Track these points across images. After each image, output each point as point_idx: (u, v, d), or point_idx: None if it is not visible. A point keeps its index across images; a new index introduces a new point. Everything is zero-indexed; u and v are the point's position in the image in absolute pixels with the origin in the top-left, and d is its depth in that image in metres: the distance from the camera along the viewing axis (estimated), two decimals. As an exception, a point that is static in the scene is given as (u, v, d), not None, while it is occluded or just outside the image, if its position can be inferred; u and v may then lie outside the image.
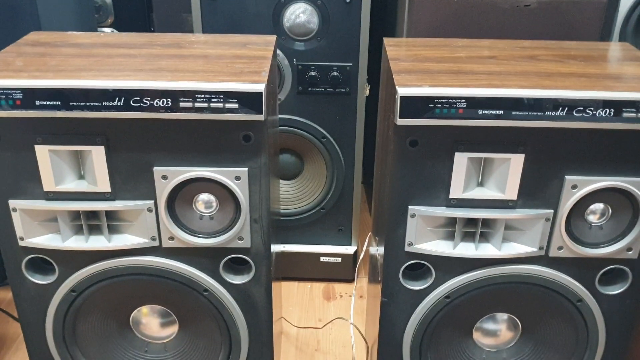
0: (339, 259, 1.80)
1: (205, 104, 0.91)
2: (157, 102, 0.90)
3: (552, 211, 0.98)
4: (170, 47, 1.07)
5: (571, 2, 1.38)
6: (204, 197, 0.99)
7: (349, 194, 1.72)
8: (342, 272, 1.83)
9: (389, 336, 1.10)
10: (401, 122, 0.91)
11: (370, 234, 1.43)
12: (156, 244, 1.02)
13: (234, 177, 0.96)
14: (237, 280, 1.06)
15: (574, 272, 1.03)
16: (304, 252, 1.80)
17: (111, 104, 0.90)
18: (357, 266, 1.79)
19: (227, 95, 0.90)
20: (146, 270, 1.03)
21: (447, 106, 0.90)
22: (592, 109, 0.90)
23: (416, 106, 0.90)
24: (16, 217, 0.98)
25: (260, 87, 0.90)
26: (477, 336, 1.13)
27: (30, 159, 0.95)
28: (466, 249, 1.01)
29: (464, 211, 0.98)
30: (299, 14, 1.50)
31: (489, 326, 1.12)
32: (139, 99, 0.90)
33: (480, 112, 0.90)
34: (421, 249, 1.01)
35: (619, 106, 0.89)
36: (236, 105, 0.91)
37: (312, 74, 1.55)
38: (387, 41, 1.15)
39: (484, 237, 1.02)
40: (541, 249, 1.01)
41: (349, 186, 1.71)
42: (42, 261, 1.04)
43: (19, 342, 1.59)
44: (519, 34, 1.40)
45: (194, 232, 1.01)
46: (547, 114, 0.90)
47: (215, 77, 0.93)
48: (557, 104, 0.89)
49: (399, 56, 1.05)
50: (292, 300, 1.78)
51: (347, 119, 1.62)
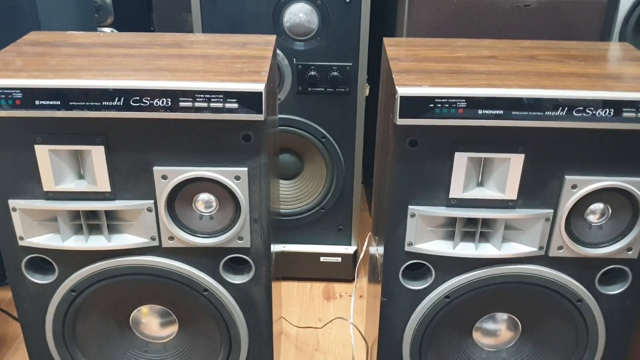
0: (339, 259, 1.80)
1: (205, 104, 0.90)
2: (157, 102, 0.90)
3: (552, 211, 0.98)
4: (170, 47, 1.07)
5: (571, 2, 1.38)
6: (204, 196, 0.99)
7: (349, 193, 1.72)
8: (342, 272, 1.82)
9: (388, 336, 1.10)
10: (401, 121, 0.91)
11: (370, 233, 1.43)
12: (156, 243, 1.02)
13: (233, 176, 0.96)
14: (237, 280, 1.06)
15: (574, 272, 1.03)
16: (304, 252, 1.80)
17: (111, 103, 0.90)
18: (357, 266, 1.79)
19: (227, 95, 0.90)
20: (146, 270, 1.03)
21: (447, 106, 0.90)
22: (592, 109, 0.89)
23: (416, 106, 0.90)
24: (16, 217, 0.98)
25: (260, 86, 0.90)
26: (477, 336, 1.13)
27: (30, 158, 0.95)
28: (466, 249, 1.01)
29: (463, 211, 0.98)
30: (299, 14, 1.50)
31: (489, 326, 1.12)
32: (138, 98, 0.90)
33: (480, 112, 0.90)
34: (421, 249, 1.01)
35: (618, 106, 0.89)
36: (236, 105, 0.91)
37: (312, 73, 1.55)
38: (387, 41, 1.15)
39: (484, 237, 1.02)
40: (541, 248, 1.01)
41: (348, 186, 1.71)
42: (42, 261, 1.04)
43: (18, 342, 1.59)
44: (519, 34, 1.40)
45: (193, 232, 1.01)
46: (547, 113, 0.90)
47: (215, 77, 0.93)
48: (557, 103, 0.89)
49: (398, 56, 1.05)
50: (292, 300, 1.78)
51: (347, 118, 1.62)
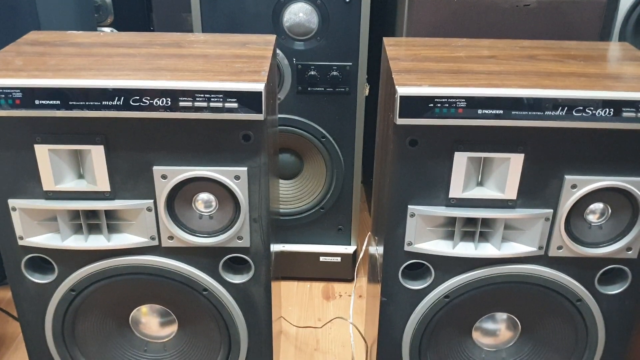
0: (339, 259, 1.80)
1: (204, 104, 0.90)
2: (157, 102, 0.90)
3: (551, 211, 0.98)
4: (169, 47, 1.07)
5: (571, 2, 1.38)
6: (204, 196, 0.99)
7: (349, 193, 1.72)
8: (341, 271, 1.82)
9: (388, 336, 1.10)
10: (401, 121, 0.91)
11: (369, 233, 1.43)
12: (155, 243, 1.02)
13: (233, 176, 0.96)
14: (237, 279, 1.06)
15: (574, 271, 1.03)
16: (304, 252, 1.80)
17: (111, 103, 0.90)
18: (357, 266, 1.79)
19: (227, 94, 0.90)
20: (145, 269, 1.03)
21: (446, 106, 0.90)
22: (592, 109, 0.89)
23: (416, 106, 0.90)
24: (15, 217, 0.98)
25: (259, 86, 0.90)
26: (476, 336, 1.13)
27: (29, 158, 0.95)
28: (466, 249, 1.01)
29: (463, 211, 0.98)
30: (299, 14, 1.50)
31: (489, 326, 1.12)
32: (138, 98, 0.90)
33: (479, 112, 0.90)
34: (421, 249, 1.01)
35: (618, 106, 0.89)
36: (236, 104, 0.91)
37: (312, 73, 1.55)
38: (386, 41, 1.15)
39: (484, 237, 1.02)
40: (541, 248, 1.01)
41: (348, 186, 1.71)
42: (42, 260, 1.04)
43: (18, 342, 1.59)
44: (518, 34, 1.39)
45: (193, 232, 1.01)
46: (547, 113, 0.90)
47: (214, 77, 0.93)
48: (556, 103, 0.89)
49: (398, 56, 1.05)
50: (292, 299, 1.78)
51: (347, 118, 1.62)
